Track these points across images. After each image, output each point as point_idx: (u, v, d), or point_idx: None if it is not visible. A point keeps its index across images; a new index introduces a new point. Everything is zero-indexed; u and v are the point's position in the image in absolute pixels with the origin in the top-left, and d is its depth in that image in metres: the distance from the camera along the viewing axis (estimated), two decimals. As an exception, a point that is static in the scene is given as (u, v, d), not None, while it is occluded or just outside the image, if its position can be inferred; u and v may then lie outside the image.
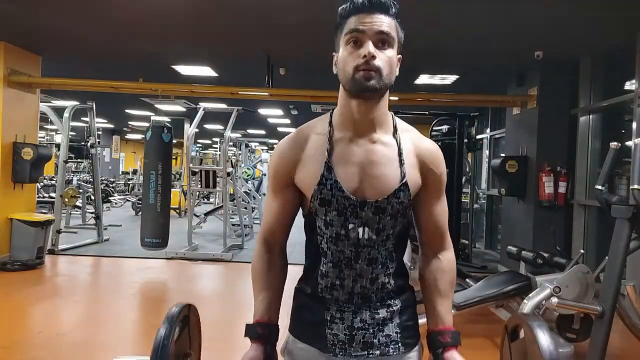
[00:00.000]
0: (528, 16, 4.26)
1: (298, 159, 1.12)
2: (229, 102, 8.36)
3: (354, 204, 1.08)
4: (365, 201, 1.08)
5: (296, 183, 1.14)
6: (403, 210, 1.12)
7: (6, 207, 5.71)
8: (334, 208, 1.09)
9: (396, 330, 1.15)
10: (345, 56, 1.06)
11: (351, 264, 1.12)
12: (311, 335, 1.15)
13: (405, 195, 1.10)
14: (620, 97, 4.96)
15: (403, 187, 1.09)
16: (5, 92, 5.71)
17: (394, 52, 1.07)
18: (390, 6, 1.06)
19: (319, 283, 1.15)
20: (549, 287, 2.93)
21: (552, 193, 5.58)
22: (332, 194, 1.08)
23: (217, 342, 3.61)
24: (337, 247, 1.12)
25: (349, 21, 1.06)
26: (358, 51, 1.04)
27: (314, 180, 1.09)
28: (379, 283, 1.14)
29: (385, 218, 1.10)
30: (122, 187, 16.90)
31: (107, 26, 5.01)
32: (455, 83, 7.09)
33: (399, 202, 1.09)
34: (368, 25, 1.03)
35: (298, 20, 4.62)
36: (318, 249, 1.15)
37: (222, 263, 6.55)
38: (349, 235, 1.10)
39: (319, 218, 1.12)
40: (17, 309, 4.33)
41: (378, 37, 1.04)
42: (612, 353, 3.22)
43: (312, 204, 1.11)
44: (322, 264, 1.14)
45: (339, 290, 1.13)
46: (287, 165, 1.13)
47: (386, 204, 1.08)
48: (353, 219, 1.09)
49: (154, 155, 5.98)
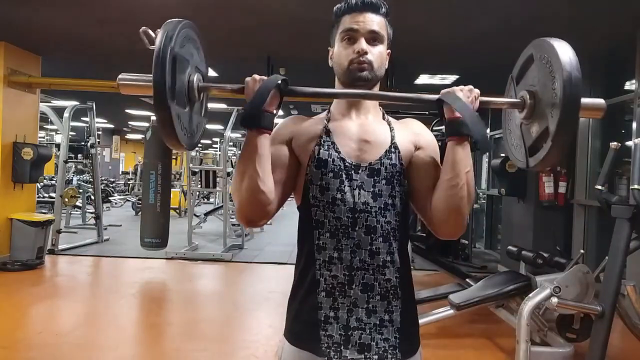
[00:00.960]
0: (528, 16, 4.26)
1: (298, 128, 1.20)
2: (229, 102, 8.36)
3: (349, 166, 1.13)
4: (359, 164, 1.14)
5: (293, 147, 1.17)
6: (397, 175, 1.14)
7: (6, 207, 5.71)
8: (330, 169, 1.13)
9: (395, 335, 1.12)
10: (341, 51, 1.18)
11: (348, 232, 1.11)
12: (305, 338, 1.12)
13: (396, 157, 1.15)
14: (620, 97, 4.96)
15: (393, 149, 1.16)
16: (5, 92, 5.71)
17: (384, 47, 1.19)
18: (380, 6, 1.18)
19: (316, 260, 1.12)
20: (549, 287, 2.93)
21: (552, 193, 5.58)
22: (328, 154, 1.13)
23: (217, 342, 3.61)
24: (334, 214, 1.11)
25: (343, 20, 1.18)
26: (352, 47, 1.16)
27: (312, 141, 1.16)
28: (379, 259, 1.11)
29: (381, 181, 1.13)
30: (122, 187, 16.90)
31: (107, 26, 5.01)
32: (455, 83, 7.08)
33: (391, 164, 1.14)
34: (361, 24, 1.15)
35: (299, 21, 4.62)
36: (312, 223, 1.13)
37: (222, 263, 6.55)
38: (345, 200, 1.11)
39: (313, 186, 1.13)
40: (17, 309, 4.33)
41: (370, 35, 1.16)
42: (612, 353, 3.23)
43: (309, 167, 1.14)
44: (319, 236, 1.12)
45: (337, 266, 1.10)
46: (287, 128, 1.20)
47: (379, 166, 1.14)
48: (348, 182, 1.12)
49: (154, 155, 5.98)
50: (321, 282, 1.12)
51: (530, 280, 3.42)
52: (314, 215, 1.13)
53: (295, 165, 1.17)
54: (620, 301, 2.96)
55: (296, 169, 1.17)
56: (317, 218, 1.13)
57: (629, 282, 3.10)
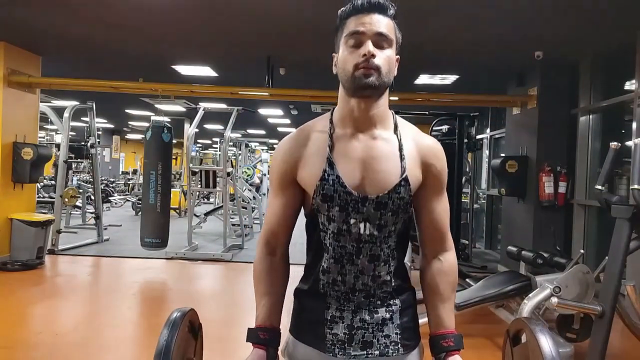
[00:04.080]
0: (528, 16, 4.26)
1: (300, 156, 1.14)
2: (229, 102, 8.36)
3: (355, 199, 1.09)
4: (366, 197, 1.09)
5: (298, 180, 1.14)
6: (404, 206, 1.11)
7: (6, 207, 5.71)
8: (336, 203, 1.10)
9: (396, 331, 1.15)
10: (346, 55, 1.08)
11: (353, 260, 1.12)
12: (311, 335, 1.16)
13: (405, 191, 1.10)
14: (620, 97, 4.96)
15: (403, 182, 1.09)
16: (5, 92, 5.71)
17: (393, 51, 1.09)
18: (388, 7, 1.09)
19: (320, 279, 1.15)
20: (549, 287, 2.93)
21: (552, 193, 5.58)
22: (334, 189, 1.09)
23: (217, 342, 3.61)
24: (339, 243, 1.12)
25: (348, 22, 1.09)
26: (358, 51, 1.06)
27: (316, 176, 1.10)
28: (380, 280, 1.14)
29: (387, 214, 1.10)
30: (122, 187, 16.90)
31: (107, 26, 5.01)
32: (455, 83, 7.09)
33: (400, 197, 1.10)
34: (367, 26, 1.06)
35: (298, 21, 4.62)
36: (320, 245, 1.15)
37: (222, 263, 6.55)
38: (351, 231, 1.11)
39: (321, 214, 1.13)
40: (17, 309, 4.33)
41: (377, 38, 1.06)
42: (612, 353, 3.22)
43: (314, 200, 1.11)
44: (324, 259, 1.14)
45: (340, 287, 1.14)
46: (290, 163, 1.14)
47: (387, 199, 1.09)
48: (355, 214, 1.10)
49: (154, 155, 5.98)
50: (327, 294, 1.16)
51: (530, 280, 3.42)
52: (322, 239, 1.15)
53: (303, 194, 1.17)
54: (620, 301, 2.96)
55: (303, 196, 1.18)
56: (325, 242, 1.15)
57: (629, 282, 3.10)
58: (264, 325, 1.16)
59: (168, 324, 1.16)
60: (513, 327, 1.27)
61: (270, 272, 1.20)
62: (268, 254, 1.21)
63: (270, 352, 1.16)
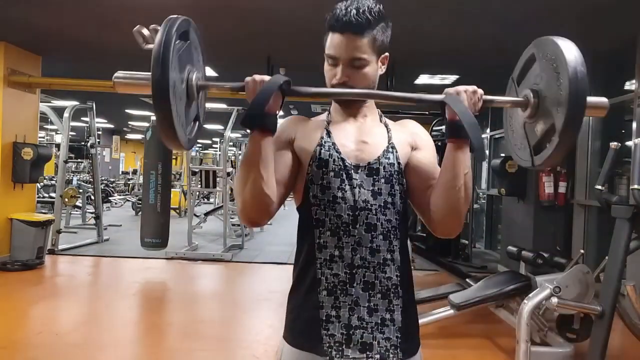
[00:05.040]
0: (528, 16, 4.26)
1: (300, 129, 1.20)
2: (229, 102, 8.37)
3: (348, 166, 1.14)
4: (358, 165, 1.14)
5: (295, 147, 1.18)
6: (396, 174, 1.15)
7: (6, 207, 5.71)
8: (330, 169, 1.13)
9: (397, 335, 1.12)
10: (326, 70, 1.18)
11: (349, 230, 1.11)
12: (306, 338, 1.12)
13: (394, 157, 1.16)
14: (620, 97, 4.96)
15: (391, 149, 1.17)
16: (5, 92, 5.71)
17: (372, 66, 1.15)
18: (364, 27, 1.09)
19: (317, 259, 1.12)
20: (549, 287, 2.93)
21: (552, 193, 5.58)
22: (329, 154, 1.14)
23: (217, 342, 3.61)
24: (335, 212, 1.12)
25: (329, 37, 1.14)
26: (335, 69, 1.15)
27: (313, 143, 1.16)
28: (380, 257, 1.11)
29: (380, 180, 1.14)
30: (122, 187, 16.90)
31: (107, 26, 5.01)
32: (455, 83, 7.09)
33: (389, 163, 1.15)
34: (340, 51, 1.12)
35: (298, 21, 4.62)
36: (313, 222, 1.13)
37: (222, 263, 6.55)
38: (346, 198, 1.12)
39: (314, 186, 1.14)
40: (17, 309, 4.33)
41: (351, 61, 1.12)
42: (612, 353, 3.22)
43: (310, 167, 1.14)
44: (319, 235, 1.12)
45: (339, 264, 1.11)
46: (289, 128, 1.20)
47: (378, 165, 1.14)
48: (349, 181, 1.13)
49: (154, 155, 5.98)
50: (322, 281, 1.11)
51: (530, 280, 3.43)
52: (314, 214, 1.13)
53: (296, 164, 1.17)
54: (620, 301, 2.96)
55: (297, 169, 1.17)
56: (318, 217, 1.13)
57: (629, 282, 3.10)
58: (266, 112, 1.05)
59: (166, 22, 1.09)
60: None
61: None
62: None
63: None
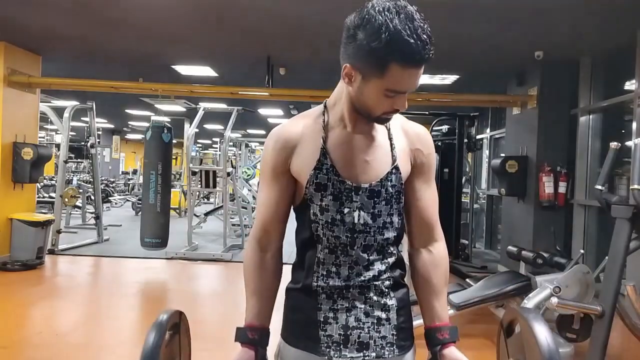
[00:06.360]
0: (528, 16, 4.26)
1: (294, 145, 1.12)
2: (229, 102, 8.36)
3: (349, 188, 1.09)
4: (359, 186, 1.09)
5: (291, 170, 1.13)
6: (397, 194, 1.12)
7: (6, 207, 5.70)
8: (329, 192, 1.09)
9: (392, 332, 1.13)
10: (376, 99, 1.02)
11: (347, 251, 1.11)
12: (304, 338, 1.12)
13: (397, 179, 1.11)
14: (620, 97, 4.96)
15: (394, 170, 1.11)
16: (5, 92, 5.71)
17: None
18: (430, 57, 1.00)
19: (314, 272, 1.12)
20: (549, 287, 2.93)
21: (552, 193, 5.58)
22: (327, 178, 1.09)
23: (217, 342, 3.61)
24: (333, 233, 1.10)
25: (390, 67, 0.97)
26: (391, 100, 1.02)
27: (309, 165, 1.10)
28: (375, 271, 1.12)
29: (380, 202, 1.10)
30: (122, 187, 16.90)
31: (107, 26, 5.01)
32: (455, 83, 7.09)
33: (392, 185, 1.11)
34: (411, 85, 1.02)
35: (298, 21, 4.62)
36: (312, 237, 1.13)
37: (222, 263, 6.55)
38: (345, 220, 1.10)
39: (313, 204, 1.11)
40: (17, 309, 4.33)
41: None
42: (612, 353, 3.22)
43: (308, 189, 1.10)
44: (319, 251, 1.12)
45: (335, 279, 1.11)
46: (283, 152, 1.12)
47: (380, 187, 1.10)
48: (348, 204, 1.09)
49: (154, 155, 5.98)
50: (319, 290, 1.12)
51: (530, 280, 3.43)
52: (314, 230, 1.13)
53: (295, 186, 1.15)
54: (620, 301, 2.96)
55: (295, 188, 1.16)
56: (317, 234, 1.13)
57: (629, 282, 3.10)
58: (253, 324, 1.14)
59: (155, 325, 1.09)
60: (506, 317, 1.22)
61: (261, 269, 1.16)
62: (259, 250, 1.17)
63: (260, 352, 1.13)
